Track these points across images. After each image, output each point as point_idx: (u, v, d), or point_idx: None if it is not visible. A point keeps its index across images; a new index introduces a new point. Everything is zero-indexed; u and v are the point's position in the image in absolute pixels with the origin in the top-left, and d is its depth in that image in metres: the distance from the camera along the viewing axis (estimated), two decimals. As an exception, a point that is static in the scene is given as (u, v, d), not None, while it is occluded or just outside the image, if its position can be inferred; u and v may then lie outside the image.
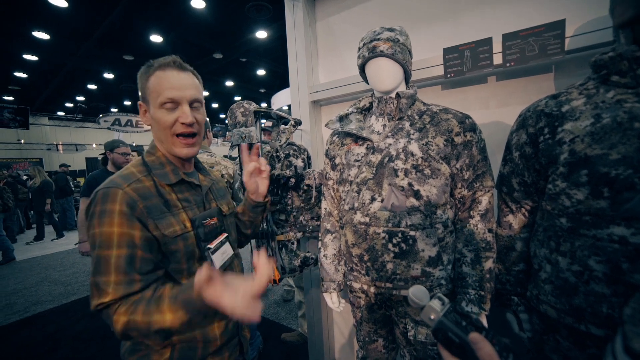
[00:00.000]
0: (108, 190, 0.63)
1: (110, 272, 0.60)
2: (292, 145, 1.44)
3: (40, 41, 6.65)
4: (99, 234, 0.61)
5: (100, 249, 0.61)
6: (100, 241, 0.61)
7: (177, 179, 0.73)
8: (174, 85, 0.68)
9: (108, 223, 0.61)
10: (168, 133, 0.70)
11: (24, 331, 2.64)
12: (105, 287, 0.60)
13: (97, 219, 0.62)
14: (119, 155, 2.31)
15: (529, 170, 0.81)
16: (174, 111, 0.69)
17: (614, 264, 0.63)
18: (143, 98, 0.71)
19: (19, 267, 4.50)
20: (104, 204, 0.62)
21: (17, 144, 13.24)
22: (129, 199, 0.63)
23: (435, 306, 0.46)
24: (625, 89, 0.66)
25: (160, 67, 0.69)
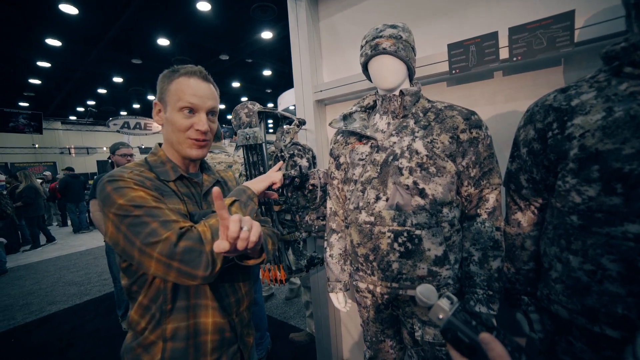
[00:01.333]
0: (112, 176, 0.65)
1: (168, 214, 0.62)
2: (296, 145, 1.44)
3: (53, 48, 6.84)
4: (129, 200, 0.61)
5: (142, 207, 0.61)
6: (137, 203, 0.61)
7: (176, 176, 0.75)
8: (196, 93, 0.72)
9: (129, 191, 0.62)
10: (182, 135, 0.73)
11: (40, 330, 2.72)
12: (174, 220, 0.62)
13: (115, 195, 0.61)
14: (119, 157, 2.37)
15: (538, 166, 0.79)
16: (191, 117, 0.72)
17: (629, 263, 0.61)
18: (161, 98, 0.74)
19: (35, 269, 4.64)
20: (114, 184, 0.63)
21: (32, 149, 13.65)
22: (136, 179, 0.66)
23: (444, 305, 0.45)
24: (639, 81, 0.64)
25: (186, 74, 0.73)
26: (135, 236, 0.59)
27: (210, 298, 0.72)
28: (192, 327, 0.70)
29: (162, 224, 0.60)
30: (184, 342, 0.69)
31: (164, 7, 5.46)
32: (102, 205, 0.64)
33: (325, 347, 1.76)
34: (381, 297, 0.98)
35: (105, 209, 0.63)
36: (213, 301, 0.72)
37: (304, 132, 1.70)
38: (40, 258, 5.23)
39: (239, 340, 0.79)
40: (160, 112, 0.75)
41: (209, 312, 0.71)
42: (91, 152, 14.06)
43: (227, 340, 0.75)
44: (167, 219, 0.61)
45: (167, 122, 0.73)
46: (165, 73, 0.75)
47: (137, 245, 0.59)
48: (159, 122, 0.76)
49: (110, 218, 0.62)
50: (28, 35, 6.17)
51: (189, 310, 0.69)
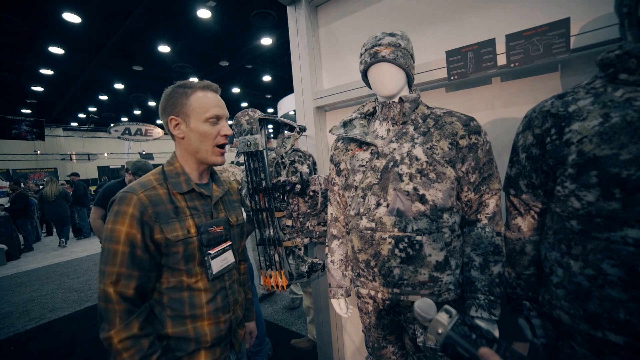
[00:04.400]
0: (126, 194, 0.75)
1: (116, 263, 0.71)
2: (297, 151, 1.45)
3: (56, 56, 6.92)
4: (112, 229, 0.72)
5: (111, 242, 0.72)
6: (112, 236, 0.72)
7: (188, 189, 0.82)
8: (218, 104, 0.83)
9: (121, 222, 0.72)
10: (210, 143, 0.82)
11: (41, 338, 2.70)
12: (108, 277, 0.71)
13: (113, 216, 0.73)
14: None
15: (537, 171, 0.80)
16: (216, 125, 0.82)
17: (630, 268, 0.61)
18: (179, 113, 0.80)
19: (36, 275, 4.62)
20: (120, 205, 0.74)
21: (34, 155, 13.72)
22: (141, 205, 0.74)
23: (442, 319, 0.44)
24: (634, 87, 0.65)
25: (202, 89, 0.82)
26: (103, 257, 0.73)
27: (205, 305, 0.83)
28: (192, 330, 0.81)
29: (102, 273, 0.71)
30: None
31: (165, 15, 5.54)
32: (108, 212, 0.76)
33: (326, 353, 1.75)
34: (382, 303, 0.98)
35: (108, 216, 0.75)
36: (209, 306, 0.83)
37: (305, 139, 1.71)
38: (40, 264, 5.22)
39: (231, 334, 0.89)
40: (178, 125, 0.81)
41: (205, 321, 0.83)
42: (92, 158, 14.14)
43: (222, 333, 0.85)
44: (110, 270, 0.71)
45: (191, 133, 0.81)
46: (178, 90, 0.81)
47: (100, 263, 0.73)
48: (180, 135, 0.81)
49: (105, 227, 0.75)
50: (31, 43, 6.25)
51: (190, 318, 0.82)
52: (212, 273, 0.82)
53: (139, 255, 0.74)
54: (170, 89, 0.83)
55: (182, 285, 0.79)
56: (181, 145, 0.84)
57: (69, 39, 6.15)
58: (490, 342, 0.40)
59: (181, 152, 0.84)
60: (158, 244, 0.76)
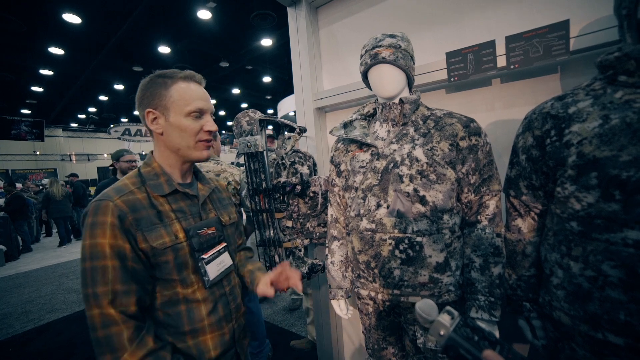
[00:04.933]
0: (100, 203, 0.65)
1: (108, 281, 0.61)
2: (297, 152, 1.45)
3: (56, 56, 6.92)
4: (91, 245, 0.62)
5: (94, 259, 0.62)
6: (92, 252, 0.62)
7: (171, 190, 0.74)
8: (202, 97, 0.75)
9: (100, 235, 0.62)
10: (192, 139, 0.74)
11: (39, 339, 2.69)
12: (104, 298, 0.61)
13: (89, 230, 0.63)
14: (124, 163, 2.42)
15: (537, 173, 0.80)
16: (199, 120, 0.74)
17: (630, 269, 0.61)
18: (157, 105, 0.72)
19: (35, 276, 4.61)
20: (95, 216, 0.64)
21: (33, 156, 13.70)
22: (119, 211, 0.65)
23: (445, 321, 0.43)
24: (633, 89, 0.65)
25: (183, 79, 0.73)
26: (81, 281, 0.63)
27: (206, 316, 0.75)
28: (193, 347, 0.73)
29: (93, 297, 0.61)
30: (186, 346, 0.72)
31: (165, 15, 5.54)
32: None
33: (326, 354, 1.75)
34: (383, 304, 0.98)
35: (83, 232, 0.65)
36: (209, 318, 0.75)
37: (305, 140, 1.71)
38: (39, 265, 5.21)
39: (235, 344, 0.82)
40: (156, 119, 0.73)
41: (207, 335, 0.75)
42: (92, 158, 14.13)
43: (225, 344, 0.78)
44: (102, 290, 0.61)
45: (171, 128, 0.72)
46: (157, 80, 0.73)
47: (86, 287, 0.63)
48: (158, 131, 0.73)
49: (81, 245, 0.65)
50: (31, 44, 6.25)
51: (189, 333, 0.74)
52: (209, 280, 0.75)
53: (132, 266, 0.65)
54: (148, 79, 0.74)
55: (178, 297, 0.71)
56: (160, 142, 0.75)
57: (69, 39, 6.15)
58: (492, 344, 0.40)
59: (160, 150, 0.76)
60: (146, 253, 0.67)
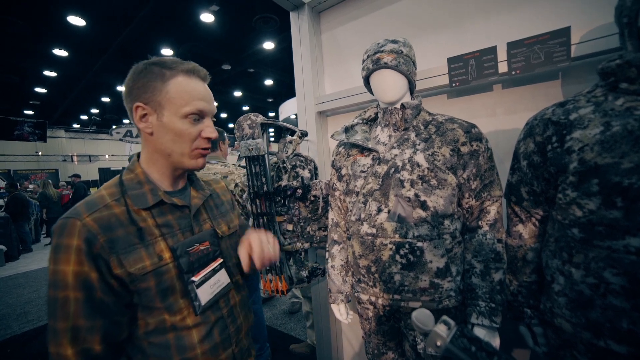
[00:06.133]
0: (66, 222, 0.56)
1: (69, 316, 0.54)
2: (298, 156, 1.45)
3: (60, 58, 6.98)
4: (54, 271, 0.55)
5: (56, 289, 0.54)
6: (56, 280, 0.55)
7: (155, 201, 0.63)
8: (204, 97, 0.63)
9: (64, 260, 0.54)
10: (187, 146, 0.63)
11: (38, 340, 2.68)
12: (63, 335, 0.54)
13: (53, 254, 0.55)
14: None
15: (538, 179, 0.80)
16: (197, 124, 0.63)
17: (632, 277, 0.61)
18: (149, 100, 0.60)
19: (34, 276, 4.61)
20: (60, 237, 0.55)
21: (35, 156, 13.75)
22: (88, 233, 0.55)
23: (441, 331, 0.42)
24: (634, 96, 0.65)
25: (184, 72, 0.62)
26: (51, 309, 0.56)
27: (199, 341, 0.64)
28: None
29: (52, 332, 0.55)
30: None
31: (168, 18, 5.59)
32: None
33: (326, 358, 1.74)
34: (383, 308, 0.97)
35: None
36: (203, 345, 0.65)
37: (306, 144, 1.71)
38: (39, 266, 5.20)
39: None
40: (146, 116, 0.61)
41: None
42: (93, 159, 14.16)
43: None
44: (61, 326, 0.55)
45: (163, 129, 0.61)
46: (153, 69, 0.61)
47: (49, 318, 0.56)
48: (147, 130, 0.62)
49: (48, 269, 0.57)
50: (36, 46, 6.31)
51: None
52: (200, 305, 0.63)
53: (99, 297, 0.56)
54: (142, 66, 0.62)
55: (165, 325, 0.61)
56: (149, 143, 0.64)
57: (73, 41, 6.20)
58: (490, 355, 0.39)
59: (148, 152, 0.65)
60: (121, 280, 0.57)
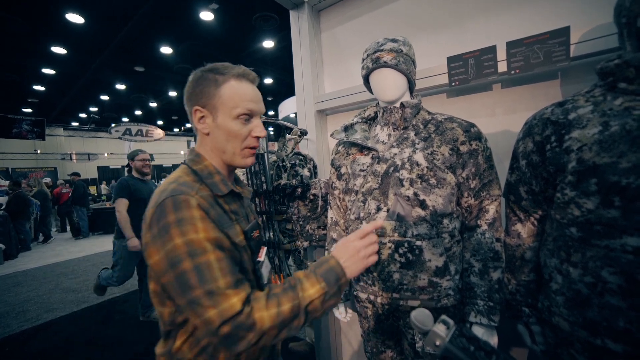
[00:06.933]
0: (179, 198, 0.57)
1: (218, 276, 0.54)
2: (298, 154, 1.45)
3: (58, 56, 6.94)
4: (186, 243, 0.55)
5: (195, 257, 0.54)
6: (192, 250, 0.54)
7: (228, 190, 0.68)
8: (253, 98, 0.69)
9: (192, 230, 0.55)
10: (239, 144, 0.68)
11: (36, 339, 2.68)
12: (223, 292, 0.53)
13: (176, 229, 0.55)
14: (138, 162, 2.61)
15: (537, 178, 0.80)
16: (248, 123, 0.68)
17: (629, 276, 0.61)
18: (206, 104, 0.67)
19: (33, 275, 4.60)
20: (178, 212, 0.56)
21: (34, 154, 13.71)
22: (202, 205, 0.59)
23: (440, 331, 0.43)
24: (633, 96, 0.65)
25: (235, 76, 0.67)
26: (180, 292, 0.55)
27: None
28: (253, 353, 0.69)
29: (208, 295, 0.53)
30: None
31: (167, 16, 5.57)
32: (155, 227, 0.56)
33: (325, 357, 1.74)
34: (382, 307, 0.97)
35: (158, 236, 0.56)
36: None
37: (306, 142, 1.71)
38: (37, 264, 5.19)
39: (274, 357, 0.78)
40: (203, 118, 0.67)
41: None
42: (92, 158, 14.13)
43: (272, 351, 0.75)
44: (214, 287, 0.53)
45: (218, 129, 0.67)
46: (207, 76, 0.67)
47: (181, 301, 0.55)
48: (204, 131, 0.68)
49: (160, 252, 0.56)
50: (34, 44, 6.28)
51: None
52: (264, 283, 0.71)
53: (236, 257, 0.61)
54: (200, 73, 0.68)
55: None
56: (206, 142, 0.70)
57: (71, 39, 6.17)
58: (488, 354, 0.40)
59: (207, 150, 0.71)
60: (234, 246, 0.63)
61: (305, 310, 0.57)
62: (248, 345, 0.54)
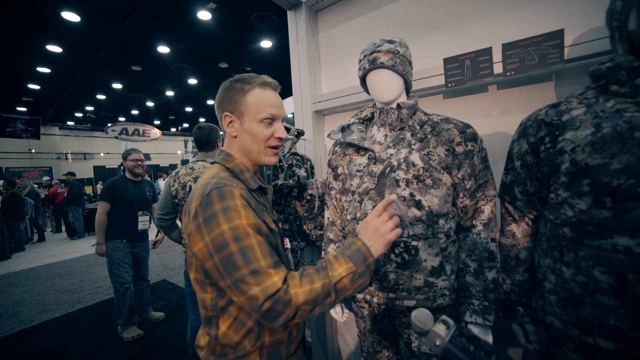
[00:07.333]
0: (224, 189, 0.65)
1: (259, 257, 0.61)
2: (295, 155, 1.45)
3: (54, 54, 6.89)
4: (232, 228, 0.61)
5: (239, 241, 0.61)
6: (237, 234, 0.61)
7: (257, 185, 0.77)
8: (275, 104, 0.76)
9: (237, 217, 0.63)
10: (263, 144, 0.76)
11: (30, 341, 2.65)
12: (265, 271, 0.60)
13: (222, 216, 0.62)
14: (130, 162, 2.54)
15: (531, 179, 0.81)
16: (271, 126, 0.76)
17: (620, 275, 0.62)
18: (234, 110, 0.75)
19: (27, 276, 4.55)
20: (224, 202, 0.63)
21: (28, 154, 13.57)
22: (243, 195, 0.67)
23: (440, 331, 0.43)
24: (624, 99, 0.66)
25: (260, 85, 0.75)
26: (225, 273, 0.61)
27: None
28: (286, 337, 0.74)
29: (252, 274, 0.59)
30: (277, 348, 0.73)
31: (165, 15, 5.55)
32: (201, 216, 0.63)
33: (322, 356, 1.74)
34: (378, 307, 0.98)
35: (203, 224, 0.62)
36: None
37: (303, 142, 1.72)
38: (32, 265, 5.14)
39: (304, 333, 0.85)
40: (232, 123, 0.76)
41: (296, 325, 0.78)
42: (88, 157, 14.01)
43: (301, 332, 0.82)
44: (257, 266, 0.60)
45: (244, 132, 0.76)
46: (235, 85, 0.76)
47: (226, 282, 0.61)
48: (232, 134, 0.77)
49: (206, 238, 0.62)
50: (29, 41, 6.22)
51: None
52: (292, 269, 0.79)
53: (272, 241, 0.69)
54: (228, 83, 0.77)
55: None
56: (234, 144, 0.79)
57: (67, 37, 6.13)
58: (488, 354, 0.40)
59: (235, 151, 0.79)
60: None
61: (335, 288, 0.62)
62: (287, 319, 0.60)
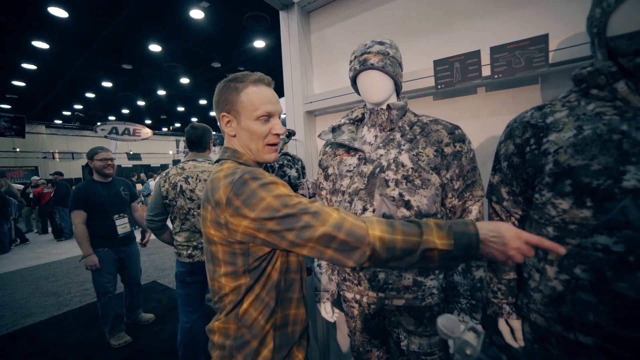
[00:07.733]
0: (254, 171, 0.66)
1: (311, 205, 0.63)
2: (286, 155, 1.45)
3: (40, 50, 6.71)
4: (276, 196, 0.62)
5: (288, 203, 0.62)
6: (283, 200, 0.62)
7: None
8: (270, 100, 0.76)
9: (275, 188, 0.64)
10: (261, 142, 0.76)
11: (13, 345, 2.57)
12: (324, 210, 0.61)
13: (263, 191, 0.63)
14: (98, 162, 2.27)
15: (517, 180, 0.83)
16: (267, 123, 0.76)
17: (599, 273, 0.64)
18: (230, 110, 0.76)
19: (9, 279, 4.41)
20: (258, 180, 0.64)
21: (13, 153, 13.18)
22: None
23: (471, 340, 0.42)
24: (604, 102, 0.69)
25: (253, 82, 0.75)
26: (286, 230, 0.61)
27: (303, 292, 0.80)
28: (294, 316, 0.76)
29: (314, 216, 0.61)
30: (288, 328, 0.74)
31: (157, 13, 5.47)
32: (236, 200, 0.63)
33: (313, 356, 1.74)
34: (368, 307, 0.99)
35: (243, 205, 0.62)
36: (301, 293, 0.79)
37: (294, 143, 1.72)
38: (15, 267, 4.99)
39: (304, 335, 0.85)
40: (229, 122, 0.77)
41: (302, 304, 0.79)
42: (76, 157, 13.68)
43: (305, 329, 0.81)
44: (315, 209, 0.62)
45: (242, 131, 0.76)
46: (229, 85, 0.76)
47: (288, 239, 0.62)
48: (231, 133, 0.77)
49: (250, 215, 0.62)
50: (13, 36, 6.04)
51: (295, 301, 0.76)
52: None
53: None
54: (223, 84, 0.78)
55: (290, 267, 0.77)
56: (233, 143, 0.79)
57: (54, 33, 5.98)
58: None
59: (238, 148, 0.80)
60: None
61: (422, 253, 0.59)
62: (362, 256, 0.59)
